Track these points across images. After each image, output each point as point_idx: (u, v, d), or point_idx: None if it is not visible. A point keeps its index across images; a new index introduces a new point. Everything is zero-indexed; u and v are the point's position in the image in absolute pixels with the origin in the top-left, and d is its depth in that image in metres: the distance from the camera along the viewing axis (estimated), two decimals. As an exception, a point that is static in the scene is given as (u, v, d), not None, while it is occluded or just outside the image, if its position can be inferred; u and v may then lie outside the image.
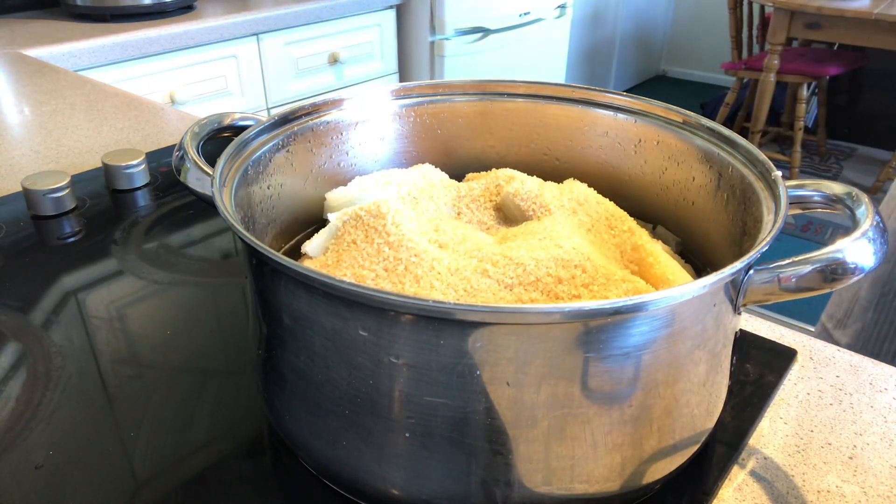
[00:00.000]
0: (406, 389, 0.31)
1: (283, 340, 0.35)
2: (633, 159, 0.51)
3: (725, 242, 0.43)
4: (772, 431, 0.43)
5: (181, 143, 0.57)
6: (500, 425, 0.31)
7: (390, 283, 0.38)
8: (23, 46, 1.34)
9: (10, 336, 0.51)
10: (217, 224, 0.67)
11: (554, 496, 0.33)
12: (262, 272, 0.35)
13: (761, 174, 0.40)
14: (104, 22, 1.53)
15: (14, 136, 0.91)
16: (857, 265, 0.34)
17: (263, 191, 0.45)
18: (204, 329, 0.52)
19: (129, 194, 0.73)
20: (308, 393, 0.35)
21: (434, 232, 0.43)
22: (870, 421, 0.44)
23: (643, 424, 0.33)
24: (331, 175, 0.51)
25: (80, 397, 0.45)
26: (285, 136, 0.47)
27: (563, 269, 0.38)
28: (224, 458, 0.41)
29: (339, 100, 0.50)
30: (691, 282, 0.30)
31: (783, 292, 0.34)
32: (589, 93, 0.52)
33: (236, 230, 0.33)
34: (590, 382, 0.31)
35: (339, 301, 0.31)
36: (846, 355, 0.50)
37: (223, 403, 0.45)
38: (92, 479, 0.39)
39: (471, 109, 0.54)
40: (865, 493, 0.39)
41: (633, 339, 0.30)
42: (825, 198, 0.40)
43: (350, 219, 0.42)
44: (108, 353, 0.50)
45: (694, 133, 0.46)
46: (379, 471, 0.34)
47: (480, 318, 0.29)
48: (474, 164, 0.54)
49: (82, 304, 0.55)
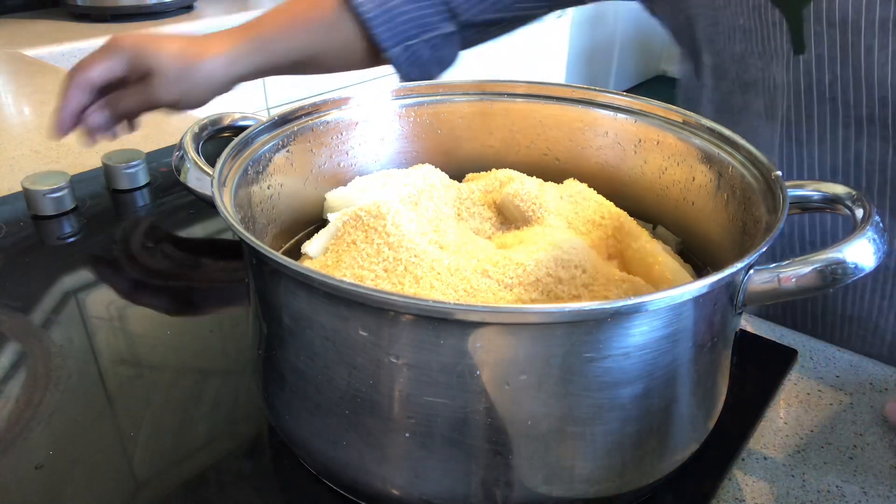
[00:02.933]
0: (406, 389, 0.31)
1: (283, 340, 0.35)
2: (633, 159, 0.51)
3: (725, 242, 0.43)
4: (772, 431, 0.43)
5: (181, 143, 0.57)
6: (500, 425, 0.31)
7: (390, 284, 0.38)
8: (23, 46, 1.34)
9: (10, 336, 0.51)
10: (217, 224, 0.67)
11: (554, 496, 0.33)
12: (262, 272, 0.35)
13: (761, 174, 0.40)
14: (104, 22, 1.53)
15: (14, 136, 0.91)
16: (858, 265, 0.34)
17: (263, 191, 0.45)
18: (204, 329, 0.52)
19: (129, 194, 0.73)
20: (308, 393, 0.35)
21: (434, 232, 0.43)
22: (870, 421, 0.44)
23: (643, 424, 0.33)
24: (331, 175, 0.51)
25: (80, 397, 0.45)
26: (285, 136, 0.47)
27: (563, 269, 0.38)
28: (224, 458, 0.41)
29: (339, 100, 0.50)
30: (691, 282, 0.30)
31: (783, 292, 0.34)
32: (589, 93, 0.52)
33: (236, 230, 0.33)
34: (590, 383, 0.31)
35: (339, 301, 0.31)
36: (846, 355, 0.50)
37: (223, 403, 0.45)
38: (92, 479, 0.39)
39: (471, 109, 0.54)
40: (865, 493, 0.39)
41: (633, 339, 0.30)
42: (825, 198, 0.40)
43: (350, 219, 0.42)
44: (108, 353, 0.50)
45: (694, 133, 0.46)
46: (379, 471, 0.34)
47: (480, 318, 0.29)
48: (474, 165, 0.54)
49: (82, 304, 0.55)
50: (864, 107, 0.50)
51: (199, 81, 0.62)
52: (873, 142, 0.52)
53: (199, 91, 0.63)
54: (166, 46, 0.61)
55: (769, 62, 0.54)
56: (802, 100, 0.53)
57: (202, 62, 0.62)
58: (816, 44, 0.49)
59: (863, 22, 0.47)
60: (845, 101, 0.51)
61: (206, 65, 0.62)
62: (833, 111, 0.52)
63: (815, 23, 0.49)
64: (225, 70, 0.63)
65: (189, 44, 0.62)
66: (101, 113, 0.62)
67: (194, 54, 0.61)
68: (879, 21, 0.47)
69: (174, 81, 0.61)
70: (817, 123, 0.53)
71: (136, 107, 0.63)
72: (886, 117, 0.50)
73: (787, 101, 0.54)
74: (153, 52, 0.61)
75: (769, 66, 0.54)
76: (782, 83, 0.54)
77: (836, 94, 0.51)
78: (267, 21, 0.65)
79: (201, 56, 0.62)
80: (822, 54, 0.50)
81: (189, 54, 0.61)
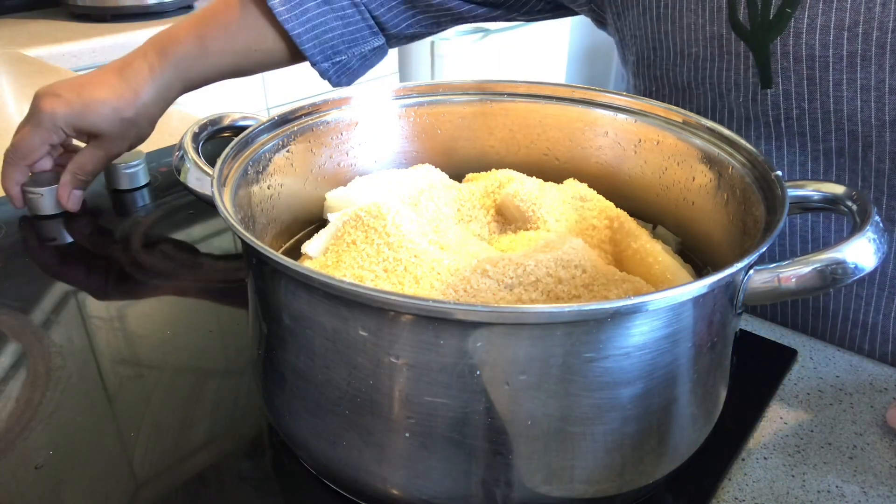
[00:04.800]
0: (406, 389, 0.31)
1: (283, 340, 0.35)
2: (633, 159, 0.51)
3: (725, 242, 0.43)
4: (772, 431, 0.44)
5: (181, 143, 0.57)
6: (500, 425, 0.31)
7: (390, 284, 0.38)
8: (23, 46, 1.34)
9: (10, 336, 0.51)
10: (217, 224, 0.67)
11: (554, 496, 0.33)
12: (262, 272, 0.35)
13: (761, 174, 0.40)
14: (104, 22, 1.53)
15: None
16: (858, 265, 0.34)
17: (263, 191, 0.45)
18: (204, 329, 0.52)
19: (129, 194, 0.73)
20: (308, 393, 0.35)
21: (434, 233, 0.43)
22: (870, 421, 0.44)
23: (643, 424, 0.33)
24: (331, 175, 0.51)
25: (80, 397, 0.45)
26: (285, 136, 0.47)
27: (563, 269, 0.38)
28: (224, 458, 0.41)
29: (339, 100, 0.50)
30: (691, 282, 0.30)
31: (783, 292, 0.34)
32: (589, 93, 0.52)
33: (236, 230, 0.33)
34: (590, 383, 0.31)
35: (339, 301, 0.31)
36: (846, 355, 0.50)
37: (223, 403, 0.45)
38: (92, 479, 0.39)
39: (471, 109, 0.54)
40: (865, 493, 0.39)
41: (633, 339, 0.30)
42: (825, 198, 0.40)
43: (350, 219, 0.42)
44: (108, 353, 0.50)
45: (694, 133, 0.46)
46: (379, 471, 0.34)
47: (480, 318, 0.29)
48: (474, 165, 0.54)
49: (82, 304, 0.55)
50: (833, 140, 0.50)
51: (142, 123, 0.66)
52: (842, 174, 0.52)
53: (145, 129, 0.67)
54: (100, 106, 0.63)
55: (725, 93, 0.53)
56: (772, 132, 0.53)
57: (137, 110, 0.64)
58: (783, 78, 0.49)
59: (830, 57, 0.47)
60: (814, 136, 0.51)
61: (143, 106, 0.65)
62: (801, 144, 0.52)
63: (781, 58, 0.48)
64: (157, 105, 0.66)
65: (118, 90, 0.64)
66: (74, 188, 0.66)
67: (129, 101, 0.64)
68: (847, 56, 0.46)
69: (122, 135, 0.65)
70: (786, 155, 0.53)
71: (100, 167, 0.67)
72: (856, 150, 0.50)
73: (755, 132, 0.54)
74: (89, 120, 0.63)
75: (725, 96, 0.53)
76: (743, 115, 0.53)
77: (805, 129, 0.51)
78: (183, 47, 0.66)
79: (135, 104, 0.64)
80: (790, 89, 0.49)
81: (125, 104, 0.64)
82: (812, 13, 0.46)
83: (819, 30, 0.46)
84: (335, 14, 0.66)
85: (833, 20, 0.46)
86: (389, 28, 0.69)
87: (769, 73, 0.49)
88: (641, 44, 0.59)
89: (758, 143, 0.54)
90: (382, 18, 0.68)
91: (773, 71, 0.49)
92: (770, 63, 0.49)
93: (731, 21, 0.50)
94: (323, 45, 0.67)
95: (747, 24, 0.49)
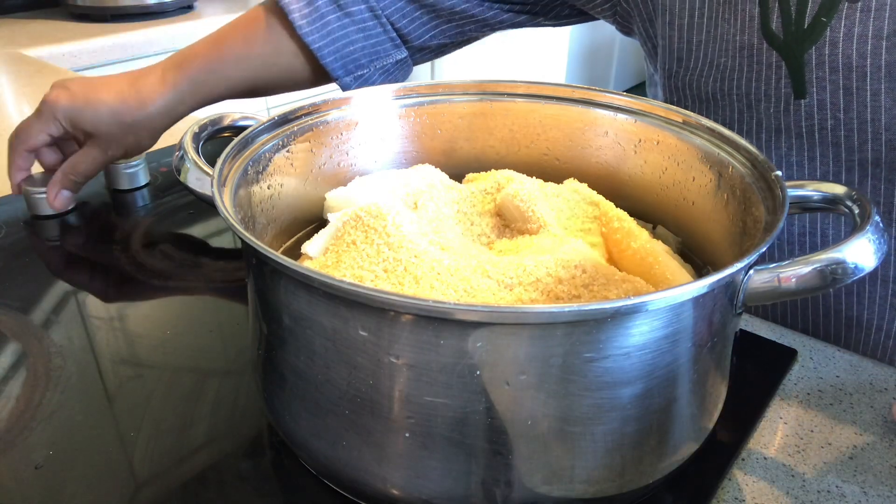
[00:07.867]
0: (406, 389, 0.31)
1: (283, 340, 0.35)
2: (633, 159, 0.51)
3: (725, 242, 0.43)
4: (772, 431, 0.44)
5: (181, 143, 0.57)
6: (500, 425, 0.31)
7: (390, 284, 0.38)
8: (23, 46, 1.34)
9: (10, 336, 0.51)
10: (217, 224, 0.67)
11: (554, 496, 0.33)
12: (262, 272, 0.35)
13: (761, 174, 0.40)
14: (104, 22, 1.53)
15: (14, 136, 0.91)
16: (858, 265, 0.34)
17: (263, 190, 0.45)
18: (204, 329, 0.52)
19: (129, 194, 0.73)
20: (308, 393, 0.35)
21: (434, 233, 0.43)
22: (870, 421, 0.44)
23: (643, 424, 0.33)
24: (331, 175, 0.51)
25: (80, 397, 0.45)
26: (285, 136, 0.47)
27: (563, 269, 0.38)
28: (224, 458, 0.41)
29: (339, 100, 0.50)
30: (691, 282, 0.30)
31: (783, 292, 0.34)
32: (589, 93, 0.52)
33: (236, 230, 0.33)
34: (590, 383, 0.31)
35: (339, 301, 0.31)
36: (846, 355, 0.50)
37: (223, 403, 0.45)
38: (92, 479, 0.39)
39: (471, 109, 0.54)
40: (865, 493, 0.39)
41: (633, 339, 0.30)
42: (825, 198, 0.40)
43: (350, 219, 0.42)
44: (108, 353, 0.50)
45: (694, 133, 0.46)
46: (379, 471, 0.34)
47: (480, 318, 0.29)
48: (474, 165, 0.54)
49: (82, 304, 0.55)
50: (869, 150, 0.50)
51: (142, 133, 0.65)
52: (878, 184, 0.51)
53: (145, 140, 0.66)
54: (101, 105, 0.62)
55: (754, 104, 0.53)
56: (805, 143, 0.52)
57: (141, 116, 0.63)
58: (818, 89, 0.48)
59: (868, 67, 0.46)
60: (849, 146, 0.50)
61: (147, 117, 0.64)
62: (836, 155, 0.51)
63: (816, 68, 0.48)
64: (163, 118, 0.65)
65: (125, 95, 0.63)
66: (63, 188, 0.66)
67: (133, 107, 0.63)
68: (886, 65, 0.46)
69: (118, 140, 0.64)
70: (819, 167, 0.52)
71: (92, 170, 0.66)
72: (893, 160, 0.49)
73: (786, 143, 0.53)
74: (87, 118, 0.62)
75: (754, 107, 0.53)
76: (774, 126, 0.53)
77: (840, 139, 0.50)
78: (201, 59, 0.65)
79: (140, 109, 0.63)
80: (825, 99, 0.49)
81: (127, 109, 0.63)
82: (849, 22, 0.46)
83: (856, 39, 0.46)
84: (356, 27, 0.65)
85: (871, 29, 0.45)
86: (413, 40, 0.68)
87: (803, 84, 0.49)
88: (665, 54, 0.58)
89: (789, 154, 0.53)
90: (405, 30, 0.67)
91: (807, 81, 0.49)
92: (804, 73, 0.48)
93: (763, 31, 0.49)
94: (345, 59, 0.67)
95: (780, 34, 0.48)
